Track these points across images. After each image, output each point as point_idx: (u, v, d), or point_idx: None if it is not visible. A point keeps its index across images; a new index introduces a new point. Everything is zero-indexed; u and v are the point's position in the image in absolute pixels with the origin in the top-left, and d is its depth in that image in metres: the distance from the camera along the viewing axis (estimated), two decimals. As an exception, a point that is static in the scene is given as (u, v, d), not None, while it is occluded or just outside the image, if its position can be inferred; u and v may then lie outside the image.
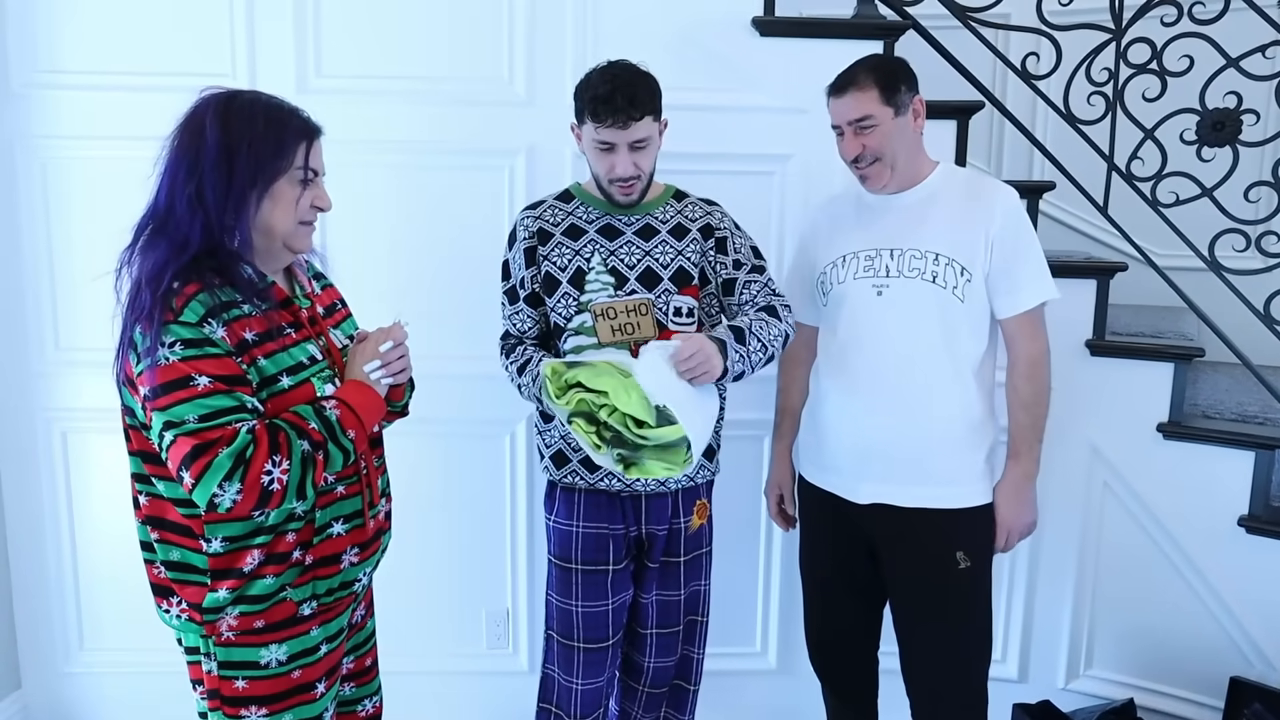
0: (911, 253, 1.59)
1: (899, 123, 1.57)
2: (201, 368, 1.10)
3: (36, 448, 2.12)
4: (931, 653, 1.65)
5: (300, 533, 1.22)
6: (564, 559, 1.67)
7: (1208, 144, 1.98)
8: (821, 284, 1.70)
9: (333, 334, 1.32)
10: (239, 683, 1.23)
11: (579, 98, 1.55)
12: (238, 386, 1.13)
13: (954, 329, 1.58)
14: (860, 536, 1.69)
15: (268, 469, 1.11)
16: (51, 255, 2.06)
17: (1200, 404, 2.12)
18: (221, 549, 1.19)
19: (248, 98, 1.20)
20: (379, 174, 2.05)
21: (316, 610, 1.26)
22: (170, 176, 1.16)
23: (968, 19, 2.06)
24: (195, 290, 1.12)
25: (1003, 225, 1.56)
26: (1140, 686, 2.10)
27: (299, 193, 1.20)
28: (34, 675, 2.21)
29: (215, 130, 1.15)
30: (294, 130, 1.19)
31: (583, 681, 1.68)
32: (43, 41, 1.98)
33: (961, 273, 1.56)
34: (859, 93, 1.56)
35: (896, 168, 1.60)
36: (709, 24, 2.02)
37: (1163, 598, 2.07)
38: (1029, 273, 1.58)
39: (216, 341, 1.12)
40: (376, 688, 1.50)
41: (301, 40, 2.00)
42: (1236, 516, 1.96)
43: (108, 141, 2.01)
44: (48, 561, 2.17)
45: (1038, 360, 1.60)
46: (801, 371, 1.80)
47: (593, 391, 1.45)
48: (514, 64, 2.03)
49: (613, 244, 1.61)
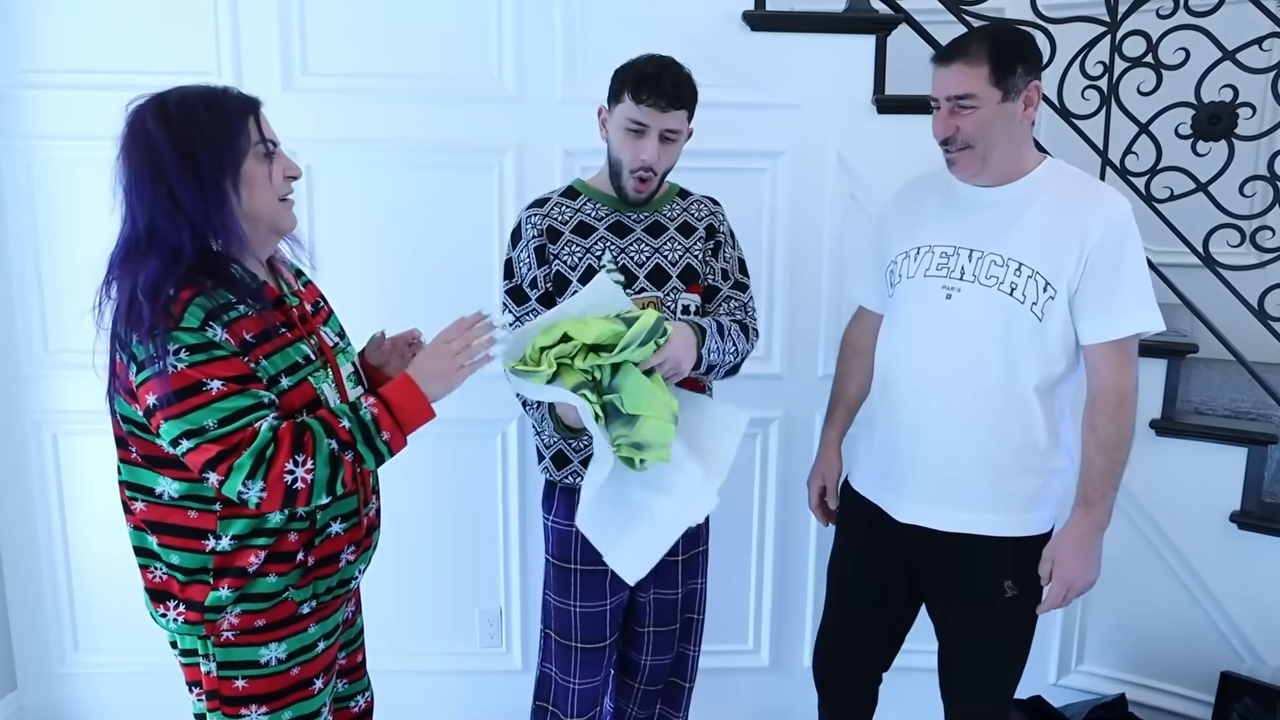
0: (993, 258, 1.42)
1: (1005, 109, 1.38)
2: (211, 371, 1.10)
3: (28, 450, 2.12)
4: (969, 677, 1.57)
5: (304, 534, 1.22)
6: (563, 559, 1.67)
7: (1203, 138, 1.97)
8: (890, 274, 1.56)
9: (323, 331, 1.30)
10: (239, 682, 1.23)
11: (620, 77, 1.53)
12: (251, 384, 1.12)
13: (1025, 348, 1.41)
14: (899, 553, 1.56)
15: (289, 468, 1.11)
16: (39, 257, 2.04)
17: (1193, 400, 2.12)
18: (230, 547, 1.19)
19: (177, 95, 1.16)
20: (365, 172, 2.03)
21: (315, 608, 1.27)
22: (138, 195, 1.13)
23: (961, 12, 2.03)
24: (191, 295, 1.10)
25: (1103, 238, 1.36)
26: (1131, 682, 2.11)
27: (267, 168, 1.18)
28: (29, 676, 2.22)
29: (162, 134, 1.11)
30: (236, 108, 1.16)
31: (580, 681, 1.68)
32: (25, 41, 1.96)
33: (1045, 288, 1.39)
34: (966, 66, 1.37)
35: (990, 158, 1.41)
36: (699, 18, 1.99)
37: (1154, 593, 2.07)
38: (1126, 297, 1.37)
39: (221, 343, 1.10)
40: (367, 684, 1.52)
41: (287, 38, 1.98)
42: (1229, 512, 1.96)
43: (93, 142, 1.96)
44: (41, 563, 2.17)
45: (1125, 397, 1.40)
46: (862, 361, 1.66)
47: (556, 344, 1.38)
48: (502, 60, 2.01)
49: (623, 241, 1.59)
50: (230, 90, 1.19)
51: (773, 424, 2.16)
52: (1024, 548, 1.48)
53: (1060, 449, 1.48)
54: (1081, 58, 2.01)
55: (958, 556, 1.50)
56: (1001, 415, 1.44)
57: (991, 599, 1.50)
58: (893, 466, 1.54)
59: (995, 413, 1.44)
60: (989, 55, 1.37)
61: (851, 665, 1.72)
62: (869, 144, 2.02)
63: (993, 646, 1.55)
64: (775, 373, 2.11)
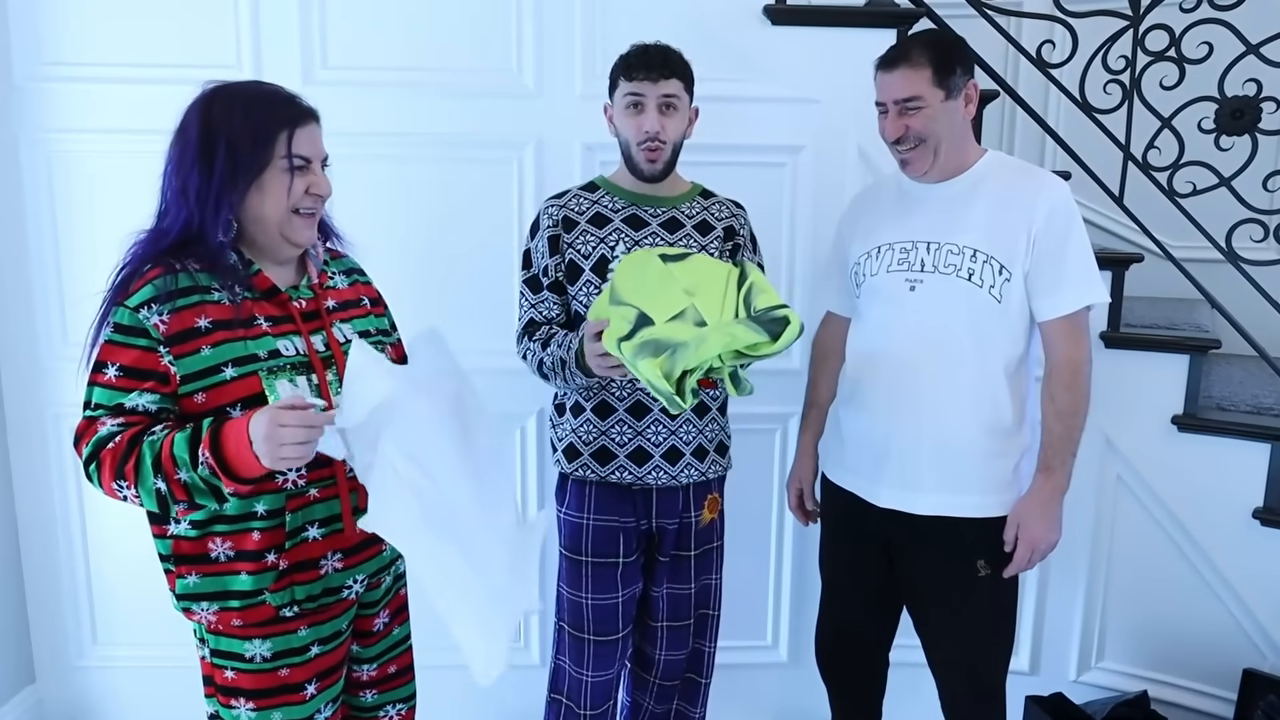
0: (949, 248, 1.50)
1: (948, 106, 1.48)
2: (117, 356, 1.13)
3: (47, 444, 2.12)
4: (948, 658, 1.62)
5: (269, 534, 1.19)
6: (574, 551, 1.67)
7: (1226, 133, 1.96)
8: (855, 275, 1.63)
9: (335, 328, 1.27)
10: (229, 673, 1.24)
11: (613, 67, 1.59)
12: (140, 381, 1.13)
13: (988, 331, 1.49)
14: (877, 539, 1.63)
15: (115, 486, 1.12)
16: (58, 250, 2.05)
17: (1215, 396, 2.11)
18: (190, 533, 1.19)
19: (231, 90, 1.18)
20: (385, 166, 2.03)
21: (300, 614, 1.23)
22: (165, 175, 1.18)
23: (982, 6, 2.03)
24: (155, 274, 1.14)
25: (1047, 220, 1.46)
26: (1152, 679, 2.09)
27: (288, 181, 1.18)
28: (47, 669, 2.22)
29: (195, 127, 1.16)
30: (276, 119, 1.17)
31: (593, 674, 1.68)
32: (46, 34, 1.96)
33: (1000, 271, 1.47)
34: (910, 70, 1.46)
35: (940, 154, 1.50)
36: (719, 13, 1.99)
37: (1176, 590, 2.06)
38: (1073, 272, 1.47)
39: (148, 330, 1.12)
40: (404, 695, 1.46)
41: (307, 31, 1.98)
42: (1251, 509, 1.95)
43: (113, 135, 2.00)
44: (59, 557, 2.17)
45: (1078, 367, 1.49)
46: (833, 364, 1.75)
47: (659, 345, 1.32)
48: (522, 55, 2.01)
49: (638, 234, 1.60)
50: (286, 101, 1.20)
51: (791, 419, 2.15)
52: (995, 527, 1.54)
53: (1025, 426, 1.55)
54: (1104, 52, 2.00)
55: (930, 540, 1.56)
56: (973, 398, 1.51)
57: (965, 580, 1.55)
58: (869, 454, 1.60)
59: (966, 396, 1.51)
60: (930, 59, 1.47)
61: (850, 649, 1.76)
62: (889, 138, 2.02)
63: (973, 628, 1.59)
64: (795, 367, 2.10)
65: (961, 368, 1.51)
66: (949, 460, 1.53)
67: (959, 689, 1.63)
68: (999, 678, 1.63)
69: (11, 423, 2.12)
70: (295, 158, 1.18)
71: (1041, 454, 1.53)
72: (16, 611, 2.17)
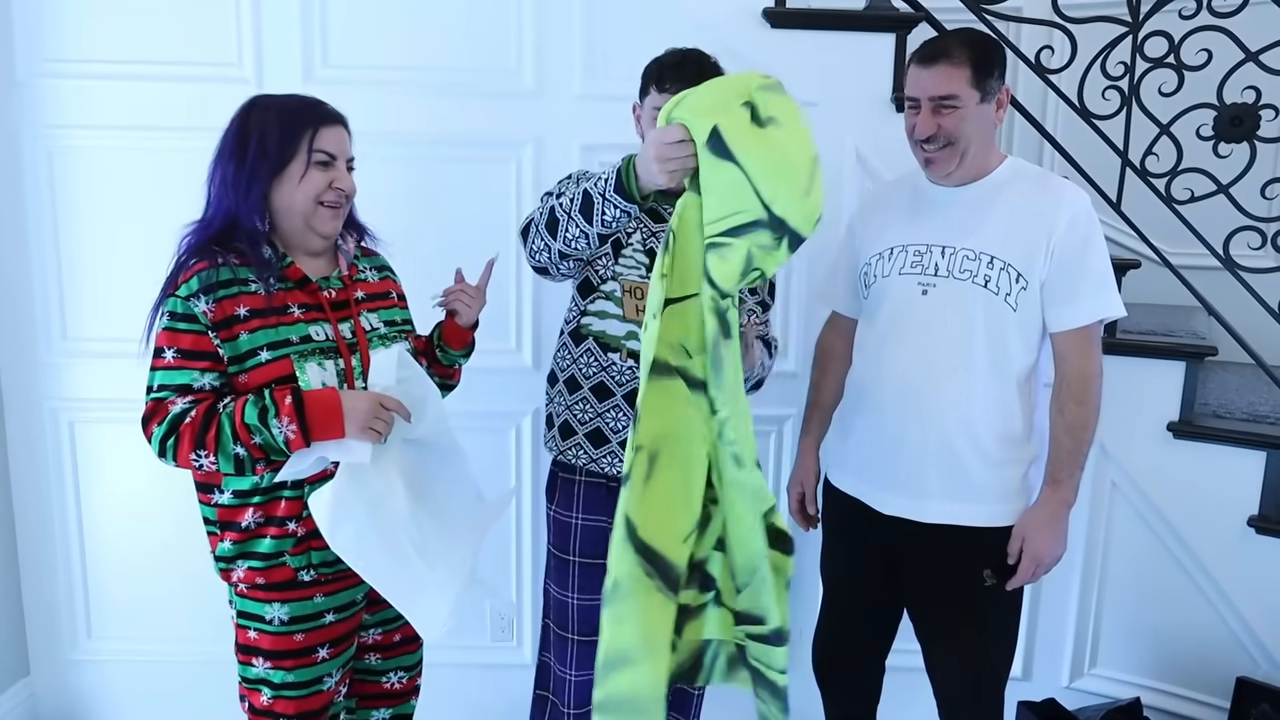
0: (965, 253, 1.47)
1: (982, 109, 1.45)
2: (174, 340, 1.25)
3: (44, 438, 2.13)
4: (949, 667, 1.60)
5: (292, 503, 1.31)
6: (562, 550, 1.67)
7: (1224, 139, 1.95)
8: (865, 276, 1.59)
9: (363, 317, 1.39)
10: (251, 633, 1.37)
11: (646, 71, 1.57)
12: (198, 362, 1.25)
13: (1001, 338, 1.46)
14: (880, 545, 1.60)
15: (193, 457, 1.24)
16: (58, 245, 2.05)
17: (1211, 403, 2.10)
18: (231, 501, 1.32)
19: (271, 98, 1.35)
20: (384, 166, 2.03)
21: (316, 579, 1.35)
22: (210, 172, 1.33)
23: (981, 12, 2.03)
24: (201, 268, 1.26)
25: (1068, 229, 1.43)
26: (1145, 686, 2.09)
27: (312, 173, 1.31)
28: (42, 662, 2.23)
29: (237, 128, 1.32)
30: (303, 120, 1.31)
31: (576, 673, 1.67)
32: (49, 30, 1.97)
33: (1017, 279, 1.44)
34: (951, 68, 1.42)
35: (967, 157, 1.47)
36: (719, 15, 2.00)
37: (1170, 597, 2.05)
38: (1091, 284, 1.44)
39: (198, 316, 1.25)
40: (408, 664, 1.55)
41: (308, 30, 1.99)
42: (1246, 517, 1.94)
43: (114, 131, 2.00)
44: (55, 550, 2.17)
45: (1089, 380, 1.46)
46: (837, 367, 1.71)
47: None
48: (522, 54, 2.01)
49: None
50: (315, 106, 1.34)
51: (787, 421, 2.15)
52: (1002, 536, 1.51)
53: (1034, 435, 1.52)
54: (1103, 58, 2.00)
55: (936, 548, 1.53)
56: (985, 405, 1.48)
57: (970, 589, 1.53)
58: (876, 460, 1.57)
59: (978, 403, 1.48)
60: (970, 59, 1.43)
61: (846, 656, 1.74)
62: (888, 142, 2.01)
63: (977, 637, 1.57)
64: (791, 370, 2.11)
65: (975, 374, 1.47)
66: (959, 468, 1.49)
67: (960, 697, 1.61)
68: (1000, 687, 1.60)
69: (10, 417, 2.13)
70: (319, 152, 1.31)
71: (1049, 467, 1.50)
72: (12, 604, 2.17)
